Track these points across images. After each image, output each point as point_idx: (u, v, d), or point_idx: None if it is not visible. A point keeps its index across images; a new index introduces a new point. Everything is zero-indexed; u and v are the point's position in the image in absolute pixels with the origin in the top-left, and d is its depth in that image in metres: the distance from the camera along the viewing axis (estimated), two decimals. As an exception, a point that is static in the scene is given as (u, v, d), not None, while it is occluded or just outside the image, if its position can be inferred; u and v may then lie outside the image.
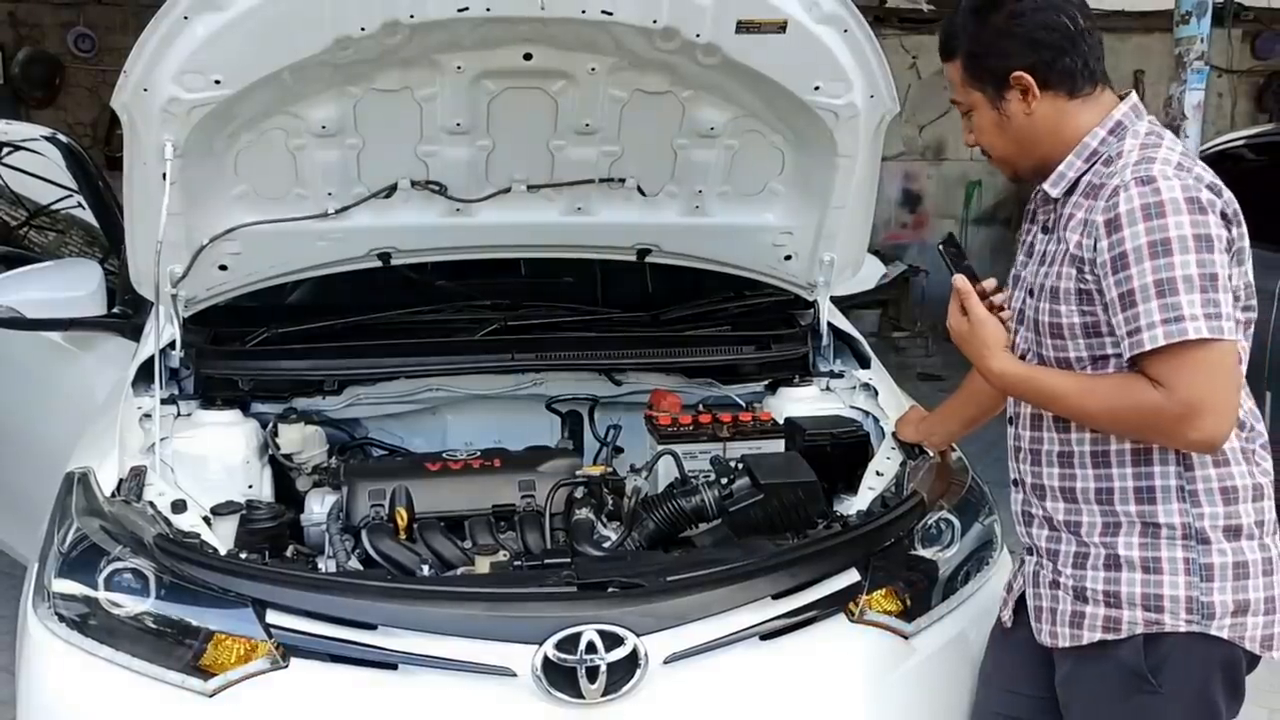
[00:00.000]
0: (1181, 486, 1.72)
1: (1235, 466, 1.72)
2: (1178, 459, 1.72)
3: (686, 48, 2.33)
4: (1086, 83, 1.76)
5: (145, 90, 2.22)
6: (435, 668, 1.83)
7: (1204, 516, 1.71)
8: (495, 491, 2.41)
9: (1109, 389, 1.70)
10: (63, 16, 7.60)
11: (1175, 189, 1.62)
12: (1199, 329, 1.58)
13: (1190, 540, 1.71)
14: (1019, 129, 1.78)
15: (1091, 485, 1.77)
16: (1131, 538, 1.73)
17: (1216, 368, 1.62)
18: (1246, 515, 1.72)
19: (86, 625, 1.95)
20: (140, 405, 2.47)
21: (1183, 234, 1.60)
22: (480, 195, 2.66)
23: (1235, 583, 1.70)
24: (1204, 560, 1.70)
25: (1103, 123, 1.75)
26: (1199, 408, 1.61)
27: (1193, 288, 1.59)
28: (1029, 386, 1.78)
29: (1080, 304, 1.72)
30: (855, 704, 1.97)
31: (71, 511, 2.11)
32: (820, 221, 2.77)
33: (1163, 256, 1.60)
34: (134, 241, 2.48)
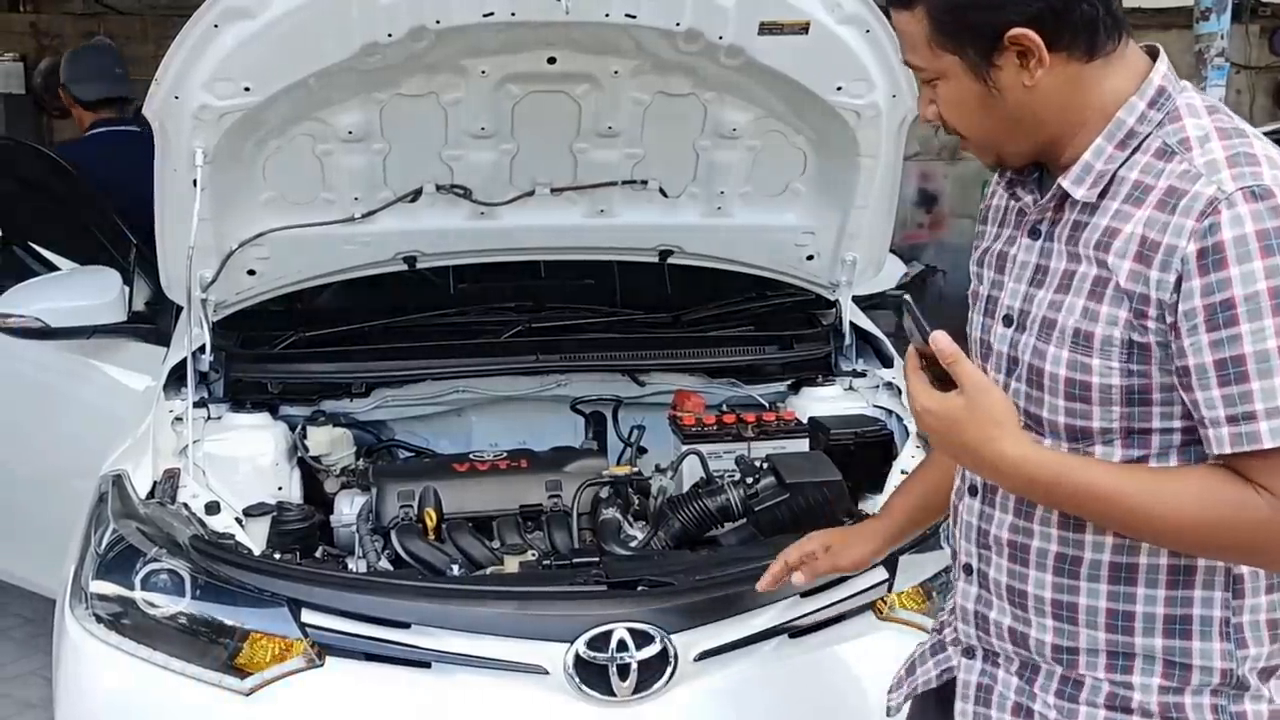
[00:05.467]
0: (1226, 619, 1.28)
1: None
2: (1226, 582, 1.28)
3: (709, 49, 2.35)
4: (1111, 35, 1.25)
5: (176, 98, 2.26)
6: (468, 666, 1.86)
7: (1247, 659, 1.29)
8: (522, 492, 2.43)
9: (1190, 494, 1.21)
10: (83, 26, 7.65)
11: None
12: None
13: (1226, 687, 1.29)
14: (1014, 106, 1.27)
15: (1103, 605, 1.30)
16: (1151, 679, 1.29)
17: None
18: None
19: (123, 625, 1.99)
20: (172, 408, 2.51)
21: None
22: (504, 198, 2.69)
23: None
24: (1235, 709, 1.29)
25: (1140, 91, 1.25)
26: None
27: None
28: (1061, 483, 1.24)
29: (1128, 359, 1.23)
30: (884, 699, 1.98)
31: (108, 514, 2.14)
32: (843, 221, 2.79)
33: (1262, 316, 1.14)
34: (165, 247, 2.51)
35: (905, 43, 1.32)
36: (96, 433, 2.71)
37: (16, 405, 3.34)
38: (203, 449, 2.43)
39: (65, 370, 3.15)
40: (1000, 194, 1.41)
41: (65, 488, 2.79)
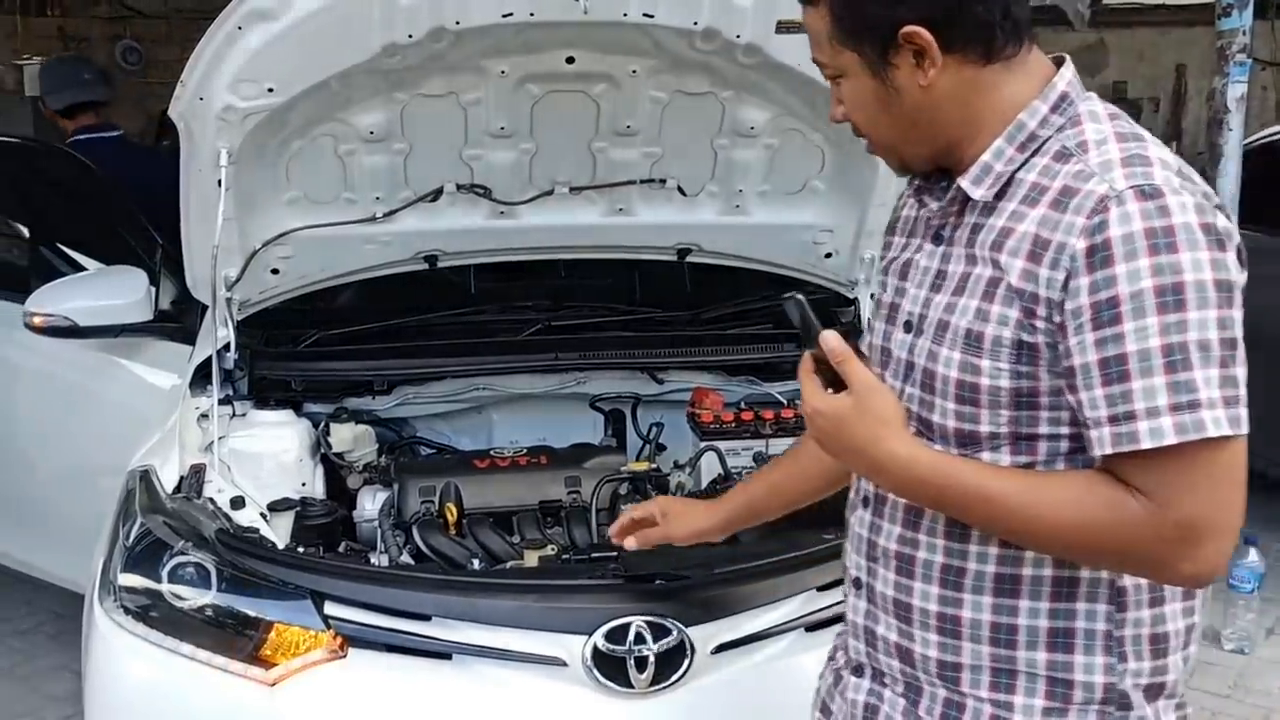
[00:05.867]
0: (1109, 632, 1.25)
1: (1169, 605, 1.26)
2: (1110, 595, 1.24)
3: (727, 48, 2.36)
4: (1010, 40, 1.24)
5: (201, 99, 2.28)
6: (488, 658, 1.88)
7: (1127, 674, 1.25)
8: (542, 488, 2.46)
9: (1070, 498, 1.18)
10: (109, 30, 7.77)
11: (1189, 209, 1.13)
12: (1218, 422, 1.10)
13: (1110, 706, 1.26)
14: (911, 107, 1.25)
15: (986, 618, 1.26)
16: (1033, 700, 1.26)
17: (1232, 476, 1.14)
18: (1175, 670, 1.28)
19: (151, 617, 2.01)
20: (198, 405, 2.54)
21: (1201, 278, 1.11)
22: (524, 198, 2.71)
23: None
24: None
25: (1043, 95, 1.25)
26: (1202, 530, 1.13)
27: (1210, 359, 1.11)
28: (945, 483, 1.22)
29: (1017, 360, 1.20)
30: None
31: (135, 508, 2.17)
32: (861, 219, 2.79)
33: (1174, 310, 1.11)
34: (191, 246, 2.55)
35: (811, 39, 1.31)
36: (123, 430, 2.75)
37: (45, 403, 3.39)
38: (228, 445, 2.46)
39: (93, 368, 3.19)
40: (910, 204, 1.40)
41: (92, 484, 2.83)
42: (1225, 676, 3.55)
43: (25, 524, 3.55)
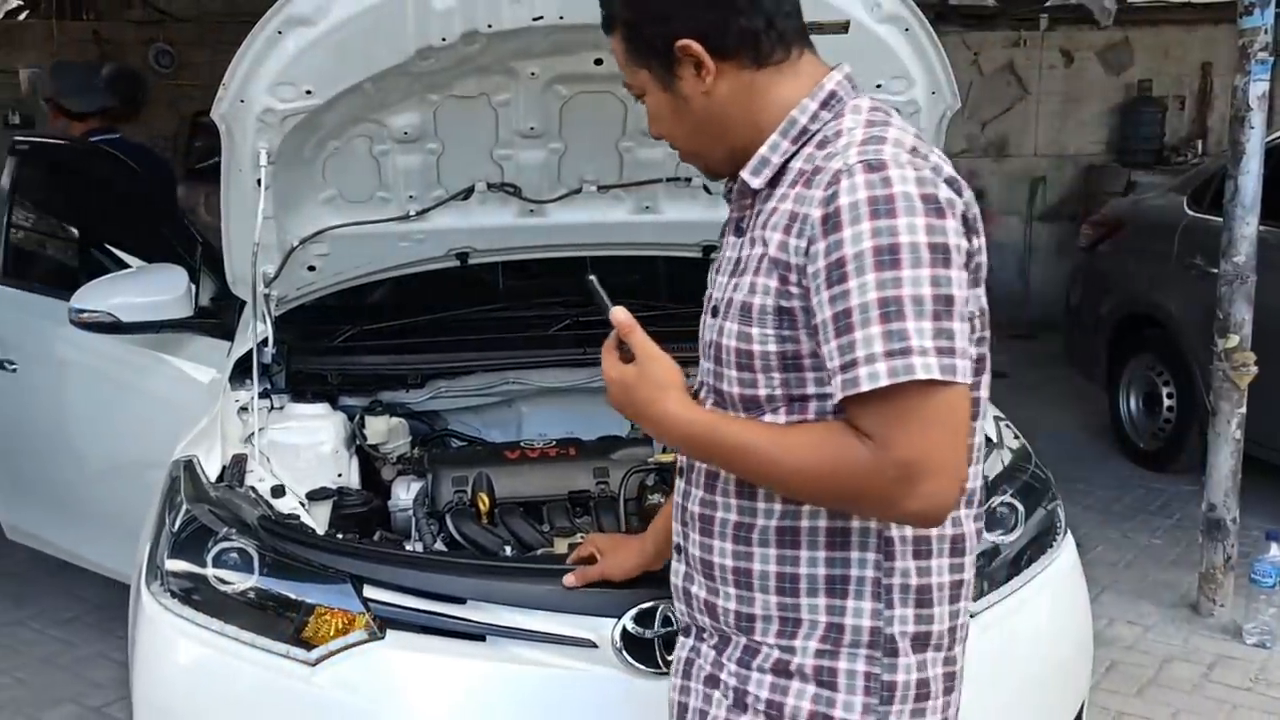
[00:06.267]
0: (878, 580, 1.34)
1: (936, 559, 1.36)
2: (878, 545, 1.34)
3: None
4: (777, 47, 1.38)
5: (242, 101, 2.34)
6: (520, 639, 1.93)
7: (894, 620, 1.34)
8: (571, 478, 2.51)
9: (808, 443, 1.29)
10: (143, 34, 7.88)
11: (910, 180, 1.25)
12: (928, 367, 1.20)
13: (877, 651, 1.34)
14: (700, 112, 1.39)
15: (773, 569, 1.37)
16: (810, 641, 1.36)
17: (945, 419, 1.22)
18: (940, 621, 1.36)
19: (196, 600, 2.07)
20: (237, 399, 2.62)
21: (915, 240, 1.22)
22: (553, 196, 2.77)
23: (916, 705, 1.36)
24: (887, 678, 1.35)
25: (813, 94, 1.38)
26: (919, 470, 1.22)
27: (923, 313, 1.21)
28: (710, 438, 1.34)
29: (780, 326, 1.31)
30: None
31: (181, 496, 2.24)
32: (880, 216, 2.83)
33: (889, 268, 1.21)
34: (230, 244, 2.61)
35: (618, 63, 1.45)
36: (166, 423, 2.83)
37: (93, 397, 3.49)
38: (267, 437, 2.53)
39: (138, 364, 3.29)
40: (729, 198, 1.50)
41: (138, 476, 2.91)
42: (1247, 670, 3.57)
43: (74, 515, 3.65)
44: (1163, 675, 3.56)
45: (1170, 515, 4.87)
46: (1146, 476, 5.35)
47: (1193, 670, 3.58)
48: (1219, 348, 3.77)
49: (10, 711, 3.44)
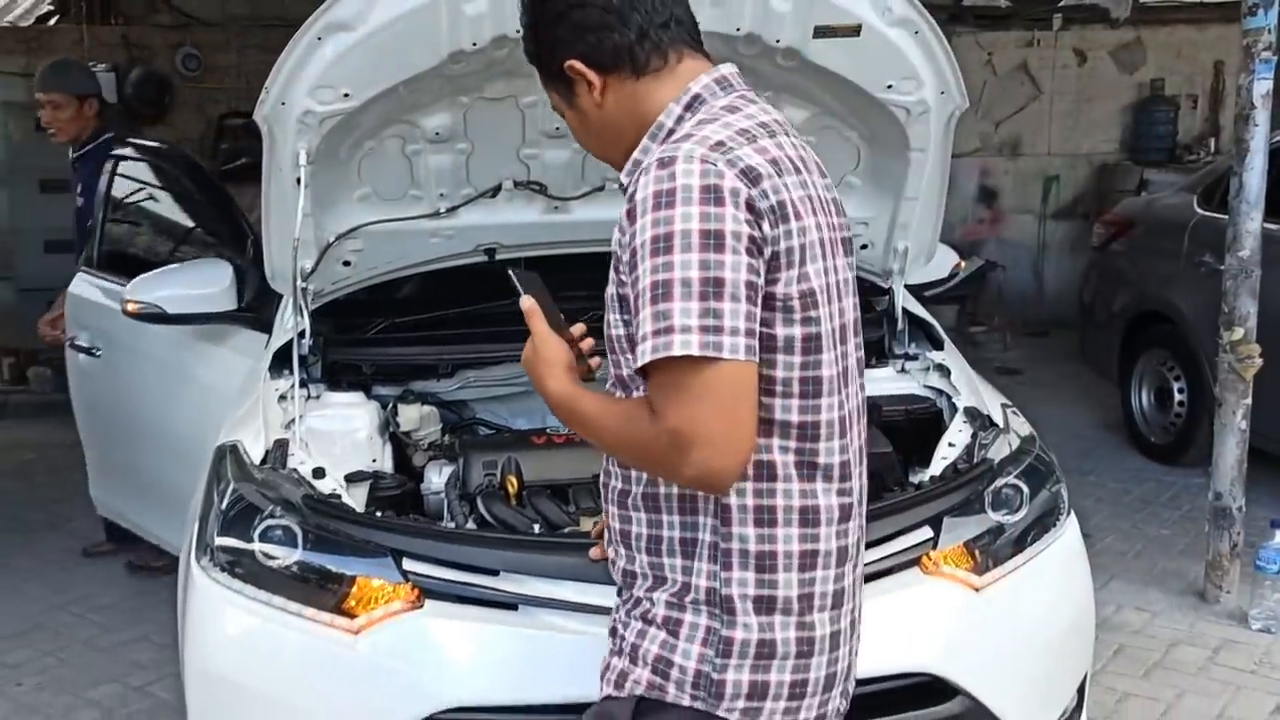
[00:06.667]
0: (716, 544, 1.45)
1: (783, 529, 1.44)
2: (716, 510, 1.45)
3: (767, 52, 2.50)
4: (652, 56, 1.49)
5: (283, 104, 2.45)
6: (550, 608, 2.05)
7: (732, 582, 1.44)
8: (596, 462, 2.56)
9: (619, 414, 1.44)
10: (171, 38, 8.02)
11: (693, 173, 1.35)
12: (687, 344, 1.31)
13: (715, 608, 1.45)
14: (599, 122, 1.54)
15: (645, 532, 1.51)
16: (665, 594, 1.49)
17: (713, 393, 1.33)
18: (787, 587, 1.45)
19: (244, 574, 2.20)
20: (277, 387, 2.74)
21: (688, 228, 1.33)
22: (576, 193, 2.88)
23: (756, 662, 1.44)
24: (725, 633, 1.44)
25: (678, 98, 1.49)
26: (688, 438, 1.33)
27: (690, 294, 1.31)
28: (571, 411, 1.50)
29: (623, 311, 1.46)
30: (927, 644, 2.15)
31: (228, 476, 2.37)
32: (894, 212, 2.94)
33: (663, 254, 1.33)
34: (270, 241, 2.73)
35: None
36: (219, 408, 2.96)
37: (158, 383, 3.66)
38: (305, 424, 2.66)
39: (197, 352, 3.45)
40: None
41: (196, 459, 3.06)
42: (1251, 654, 3.65)
43: (144, 493, 3.85)
44: (1169, 658, 3.65)
45: (1180, 507, 4.95)
46: (1157, 470, 5.43)
47: (1198, 654, 3.67)
48: (1224, 340, 3.87)
49: (55, 690, 3.58)
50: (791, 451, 1.45)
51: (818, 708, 1.49)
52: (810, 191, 1.47)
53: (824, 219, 1.49)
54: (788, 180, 1.42)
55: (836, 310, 1.49)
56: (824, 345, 1.45)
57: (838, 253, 1.52)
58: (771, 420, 1.43)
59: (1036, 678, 2.27)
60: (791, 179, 1.43)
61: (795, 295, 1.41)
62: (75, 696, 3.53)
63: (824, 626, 1.48)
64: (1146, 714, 3.31)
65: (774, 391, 1.42)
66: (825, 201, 1.52)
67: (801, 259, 1.41)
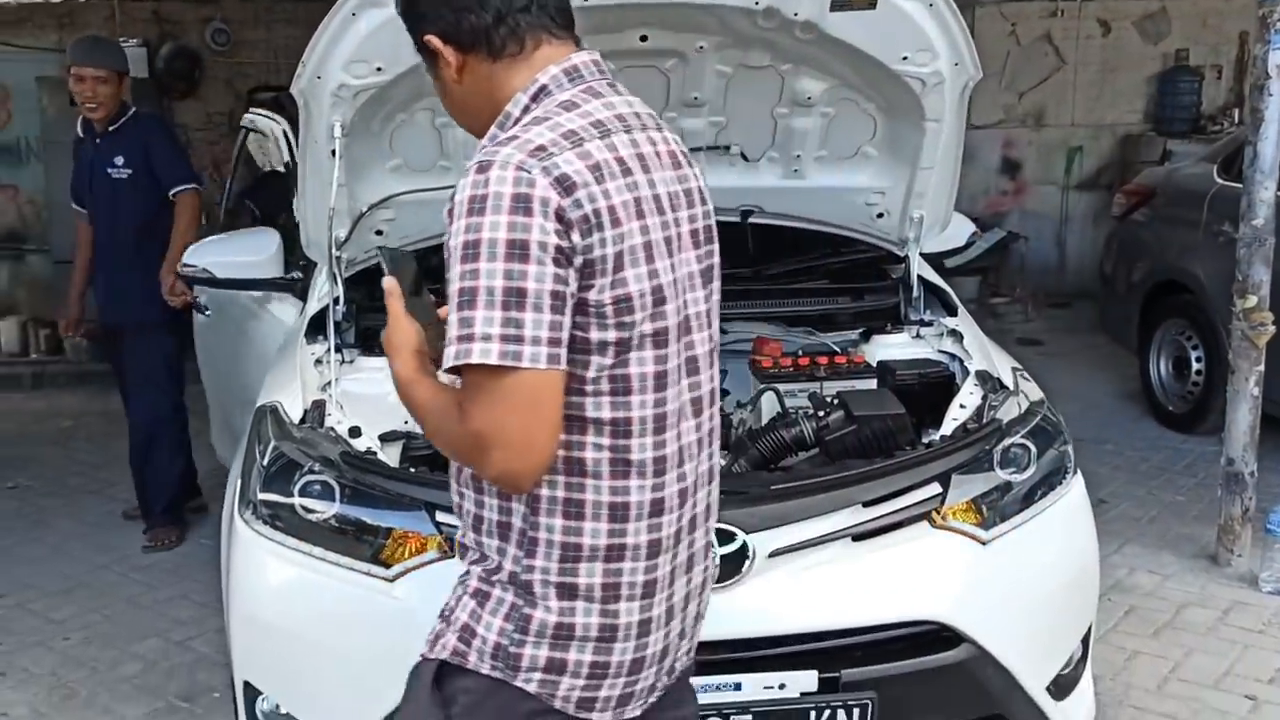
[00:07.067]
0: (525, 530, 1.50)
1: (590, 523, 1.48)
2: (528, 500, 1.49)
3: (786, 26, 2.57)
4: (509, 41, 1.50)
5: (319, 78, 2.54)
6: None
7: (534, 569, 1.49)
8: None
9: (438, 408, 1.47)
10: (201, 13, 8.12)
11: (506, 181, 1.37)
12: (487, 352, 1.34)
13: (519, 589, 1.50)
14: (459, 98, 1.57)
15: (471, 510, 1.56)
16: (480, 568, 1.56)
17: (513, 399, 1.36)
18: (589, 576, 1.48)
19: (284, 526, 2.32)
20: (313, 351, 2.85)
21: (495, 237, 1.35)
22: (600, 163, 2.97)
23: (555, 642, 1.49)
24: (527, 611, 1.50)
25: (526, 88, 1.50)
26: (487, 440, 1.38)
27: (493, 303, 1.34)
28: (406, 395, 1.53)
29: None
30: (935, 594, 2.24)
31: (269, 435, 2.49)
32: (910, 181, 3.01)
33: (471, 261, 1.35)
34: (306, 210, 2.84)
35: None
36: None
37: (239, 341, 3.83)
38: (340, 386, 2.77)
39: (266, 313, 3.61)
40: None
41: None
42: (1260, 615, 3.73)
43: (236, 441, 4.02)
44: (1179, 619, 3.73)
45: (1195, 474, 5.02)
46: (1174, 438, 5.49)
47: (1208, 615, 3.75)
48: (1238, 308, 3.93)
49: (100, 644, 3.73)
50: (605, 449, 1.47)
51: (623, 686, 1.53)
52: (643, 193, 1.47)
53: (661, 219, 1.49)
54: (611, 186, 1.43)
55: (675, 307, 1.50)
56: (646, 344, 1.47)
57: (684, 248, 1.53)
58: (584, 418, 1.46)
59: (1040, 628, 2.36)
60: (616, 183, 1.43)
61: (608, 301, 1.42)
62: (120, 650, 3.69)
63: (630, 615, 1.51)
64: (1154, 671, 3.40)
65: (585, 390, 1.45)
66: (670, 198, 1.52)
67: (618, 265, 1.42)
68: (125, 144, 4.38)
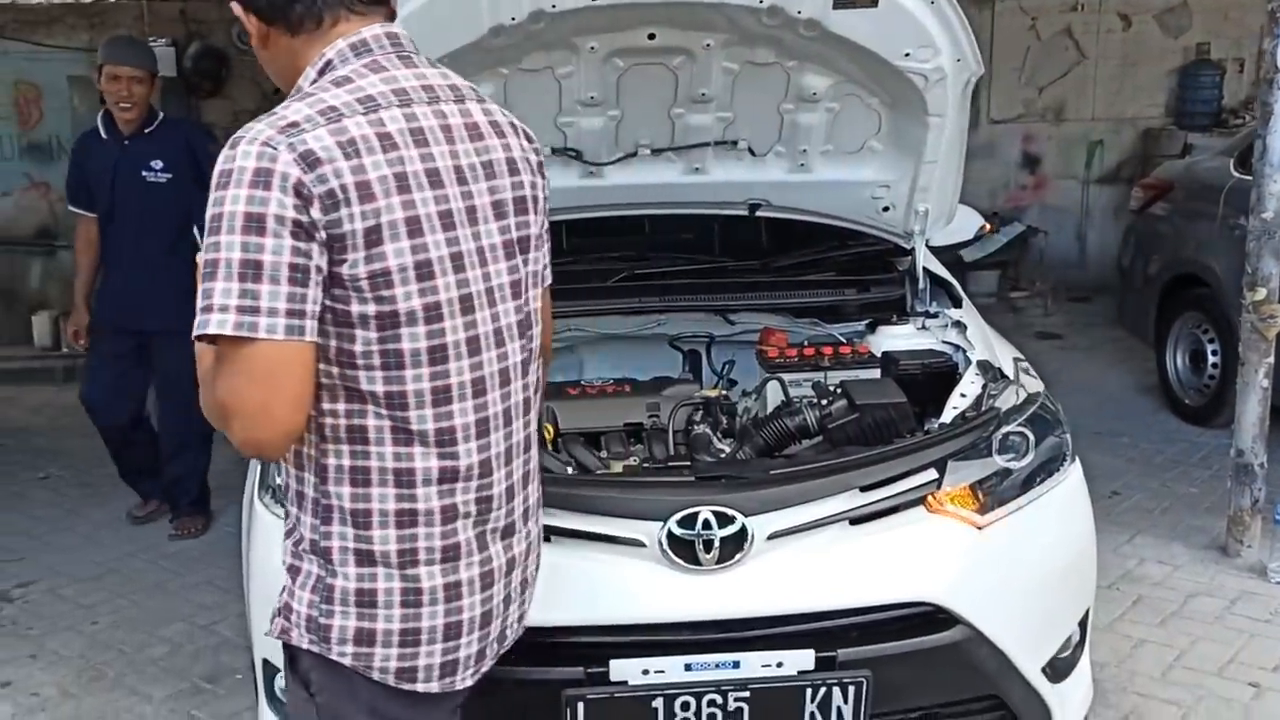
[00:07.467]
0: (318, 500, 1.54)
1: (378, 489, 1.52)
2: (317, 469, 1.53)
3: (790, 23, 2.63)
4: (307, 18, 1.55)
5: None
6: (579, 540, 2.22)
7: (332, 535, 1.53)
8: (626, 412, 2.79)
9: (201, 376, 1.50)
10: (228, 12, 8.09)
11: (251, 156, 1.40)
12: (223, 323, 1.37)
13: (320, 559, 1.55)
14: (268, 63, 1.63)
15: (284, 482, 1.63)
16: (290, 542, 1.61)
17: (250, 369, 1.40)
18: (384, 542, 1.52)
19: (302, 509, 2.41)
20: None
21: (235, 210, 1.39)
22: (611, 159, 3.04)
23: (360, 610, 1.53)
24: (329, 581, 1.54)
25: (314, 63, 1.55)
26: (228, 409, 1.42)
27: (231, 275, 1.37)
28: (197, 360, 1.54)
29: None
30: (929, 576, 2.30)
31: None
32: (914, 175, 3.06)
33: (214, 234, 1.40)
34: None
35: None
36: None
37: None
38: None
39: None
40: None
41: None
42: (1268, 605, 3.76)
43: None
44: (1186, 608, 3.77)
45: (1210, 467, 5.03)
46: (1190, 431, 5.49)
47: (1215, 604, 3.78)
48: (1247, 300, 3.95)
49: (128, 628, 3.84)
50: (385, 419, 1.50)
51: (442, 654, 1.56)
52: (413, 167, 1.48)
53: (441, 191, 1.51)
54: (367, 161, 1.44)
55: (458, 280, 1.52)
56: (416, 319, 1.48)
57: (485, 220, 1.56)
58: (360, 390, 1.49)
59: (1035, 610, 2.41)
60: (374, 159, 1.45)
61: (363, 276, 1.43)
62: (147, 634, 3.80)
63: (433, 579, 1.54)
64: (1159, 659, 3.44)
65: (357, 364, 1.48)
66: (466, 170, 1.55)
67: (373, 240, 1.44)
68: (165, 147, 4.36)
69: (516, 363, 1.63)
